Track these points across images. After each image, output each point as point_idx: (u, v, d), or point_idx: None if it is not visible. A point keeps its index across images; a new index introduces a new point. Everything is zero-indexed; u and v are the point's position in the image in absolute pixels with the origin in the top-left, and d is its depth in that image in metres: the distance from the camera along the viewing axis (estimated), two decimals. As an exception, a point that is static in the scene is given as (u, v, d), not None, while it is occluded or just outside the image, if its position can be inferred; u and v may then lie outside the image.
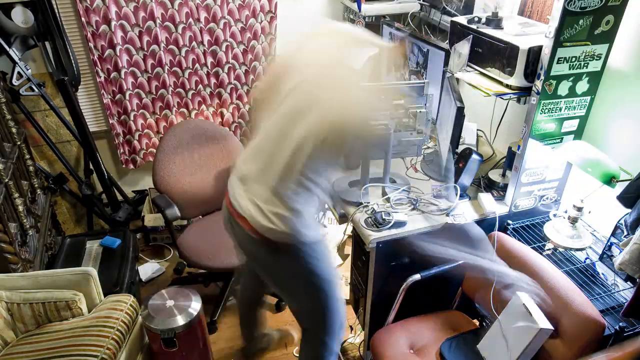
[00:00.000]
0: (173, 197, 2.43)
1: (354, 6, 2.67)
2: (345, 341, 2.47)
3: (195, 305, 2.02)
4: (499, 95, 1.70)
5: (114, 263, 2.43)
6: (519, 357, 1.47)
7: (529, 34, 1.71)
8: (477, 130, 2.34)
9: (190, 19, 2.72)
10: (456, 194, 1.87)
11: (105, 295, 2.09)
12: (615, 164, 1.57)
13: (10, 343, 1.85)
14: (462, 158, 1.89)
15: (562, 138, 1.74)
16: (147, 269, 2.92)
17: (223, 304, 2.63)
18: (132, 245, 2.61)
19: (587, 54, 1.55)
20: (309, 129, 1.40)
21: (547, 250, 1.83)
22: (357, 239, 1.91)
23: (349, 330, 2.54)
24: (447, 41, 2.07)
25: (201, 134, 2.59)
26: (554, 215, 1.89)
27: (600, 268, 1.72)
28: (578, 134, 1.75)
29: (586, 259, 1.76)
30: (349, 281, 2.71)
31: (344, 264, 2.81)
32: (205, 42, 2.81)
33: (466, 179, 1.89)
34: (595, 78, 1.62)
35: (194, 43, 2.80)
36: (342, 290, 1.74)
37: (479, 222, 1.85)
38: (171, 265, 3.01)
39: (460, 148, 1.98)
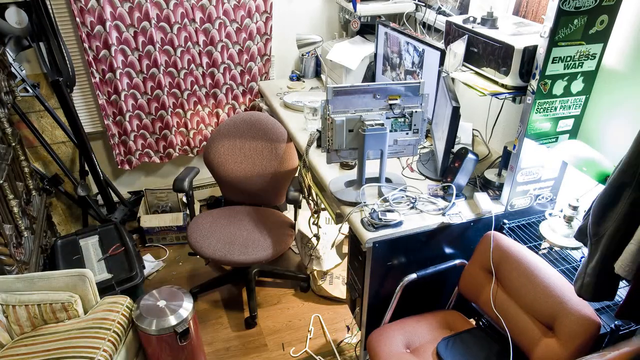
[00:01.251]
0: (215, 176, 2.65)
1: (350, 6, 2.67)
2: (342, 341, 2.48)
3: (187, 306, 2.01)
4: (495, 94, 1.70)
5: (118, 254, 2.49)
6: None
7: (524, 33, 1.71)
8: (473, 130, 2.34)
9: (186, 19, 2.72)
10: (452, 194, 1.87)
11: (125, 281, 2.20)
12: (610, 162, 1.57)
13: (5, 345, 1.84)
14: (457, 158, 1.89)
15: (557, 137, 1.74)
16: (147, 264, 2.92)
17: (254, 296, 2.69)
18: (127, 235, 2.64)
19: (581, 53, 1.56)
20: None
21: (543, 249, 1.83)
22: (353, 239, 1.92)
23: (345, 330, 2.54)
24: (443, 41, 2.07)
25: (259, 128, 2.67)
26: (550, 214, 1.90)
27: (596, 267, 1.72)
28: (573, 133, 1.75)
29: (582, 257, 1.76)
30: (345, 281, 2.72)
31: (342, 262, 2.82)
32: (201, 43, 2.81)
33: (462, 179, 1.89)
34: (590, 77, 1.63)
35: (189, 43, 2.79)
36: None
37: (475, 222, 1.86)
38: (168, 265, 3.00)
39: (456, 148, 1.98)
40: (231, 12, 2.79)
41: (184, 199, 3.09)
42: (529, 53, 1.59)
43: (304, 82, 3.09)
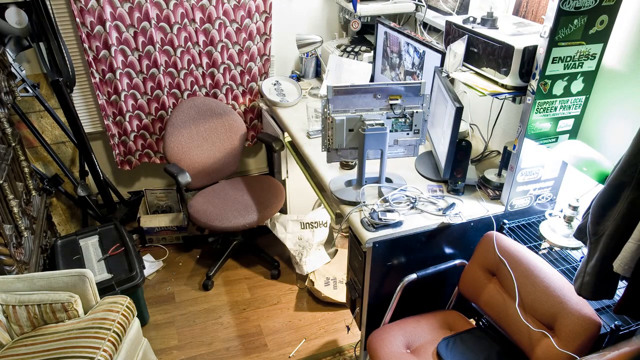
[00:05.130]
0: (183, 168, 2.71)
1: (350, 6, 2.67)
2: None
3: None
4: (495, 95, 1.70)
5: (118, 254, 2.50)
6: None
7: (524, 33, 1.71)
8: (470, 124, 2.35)
9: (186, 20, 2.72)
10: (462, 188, 1.87)
11: (125, 281, 2.25)
12: (610, 162, 1.57)
13: (5, 345, 1.84)
14: (460, 150, 1.86)
15: (557, 137, 1.74)
16: (147, 264, 2.92)
17: (223, 264, 2.98)
18: (127, 235, 2.63)
19: (581, 53, 1.56)
20: None
21: (543, 249, 1.83)
22: (353, 239, 1.91)
23: (345, 330, 2.54)
24: (443, 41, 2.07)
25: (206, 109, 2.88)
26: (550, 214, 1.90)
27: (596, 267, 1.72)
28: (573, 133, 1.75)
29: (582, 257, 1.76)
30: (345, 281, 2.72)
31: (331, 261, 2.85)
32: (201, 43, 2.81)
33: (471, 172, 1.87)
34: (590, 77, 1.63)
35: (189, 44, 2.80)
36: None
37: (475, 222, 1.86)
38: (168, 265, 3.00)
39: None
40: (231, 12, 2.79)
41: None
42: (529, 53, 1.59)
43: (309, 83, 3.09)
